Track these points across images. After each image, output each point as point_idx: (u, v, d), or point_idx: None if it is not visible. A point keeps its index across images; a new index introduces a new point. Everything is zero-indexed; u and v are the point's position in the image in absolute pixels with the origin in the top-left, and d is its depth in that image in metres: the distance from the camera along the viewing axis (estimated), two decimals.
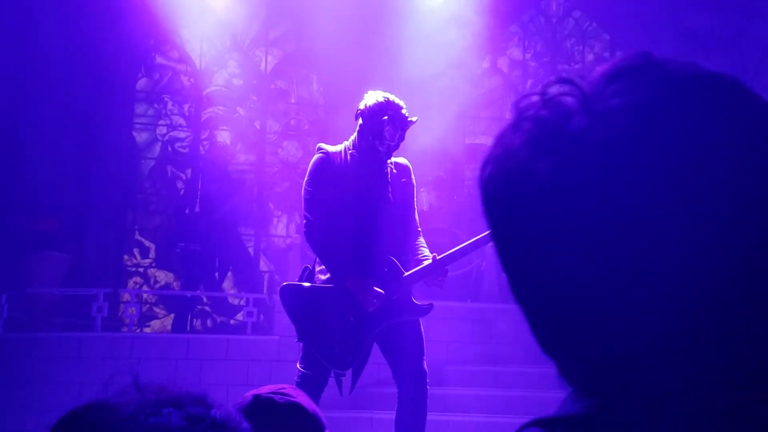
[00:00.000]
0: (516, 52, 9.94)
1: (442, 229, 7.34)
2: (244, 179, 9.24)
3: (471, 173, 9.43)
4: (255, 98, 9.53)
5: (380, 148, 3.80)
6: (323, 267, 3.80)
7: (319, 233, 3.77)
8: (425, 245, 3.88)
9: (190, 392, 0.86)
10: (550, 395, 5.84)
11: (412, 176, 3.95)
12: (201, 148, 9.39)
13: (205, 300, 8.77)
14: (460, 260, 3.89)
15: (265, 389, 1.93)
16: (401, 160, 3.96)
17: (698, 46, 8.60)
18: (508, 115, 0.64)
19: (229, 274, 8.92)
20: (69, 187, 8.41)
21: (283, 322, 6.73)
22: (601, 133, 0.55)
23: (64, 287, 7.64)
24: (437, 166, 8.19)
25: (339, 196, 3.77)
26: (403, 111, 3.82)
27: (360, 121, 3.85)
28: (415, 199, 3.96)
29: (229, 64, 9.60)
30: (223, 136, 9.35)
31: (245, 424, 0.87)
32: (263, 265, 9.21)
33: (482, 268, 7.68)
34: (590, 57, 10.03)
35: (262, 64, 9.61)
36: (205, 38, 9.35)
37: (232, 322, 8.85)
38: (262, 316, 7.48)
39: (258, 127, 9.51)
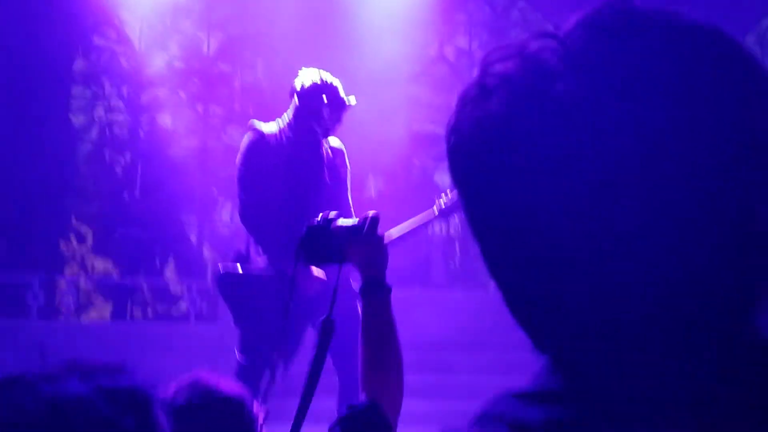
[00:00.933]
0: (462, 41, 9.99)
1: (390, 215, 7.32)
2: (186, 164, 9.04)
3: (419, 160, 9.44)
4: (197, 81, 9.32)
5: (317, 129, 3.73)
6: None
7: (255, 215, 3.69)
8: None
9: (109, 363, 0.81)
10: (500, 380, 5.89)
11: (346, 159, 3.88)
12: (140, 131, 9.15)
13: (145, 288, 8.56)
14: (401, 245, 3.85)
15: (182, 392, 1.66)
16: (335, 142, 3.87)
17: None
18: (454, 104, 0.60)
19: (171, 261, 8.73)
20: (1, 171, 8.09)
21: (227, 310, 6.62)
22: (586, 92, 0.52)
23: None
24: (385, 153, 8.17)
25: (274, 176, 3.69)
26: (341, 93, 3.76)
27: (295, 100, 3.75)
28: (349, 181, 3.89)
29: (170, 46, 9.37)
30: (164, 120, 9.13)
31: (162, 396, 0.82)
32: (206, 252, 9.04)
33: (430, 256, 7.71)
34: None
35: (205, 47, 9.41)
36: (145, 19, 9.10)
37: (173, 311, 8.67)
38: (205, 305, 7.34)
39: (201, 111, 9.31)
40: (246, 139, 3.79)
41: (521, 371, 0.60)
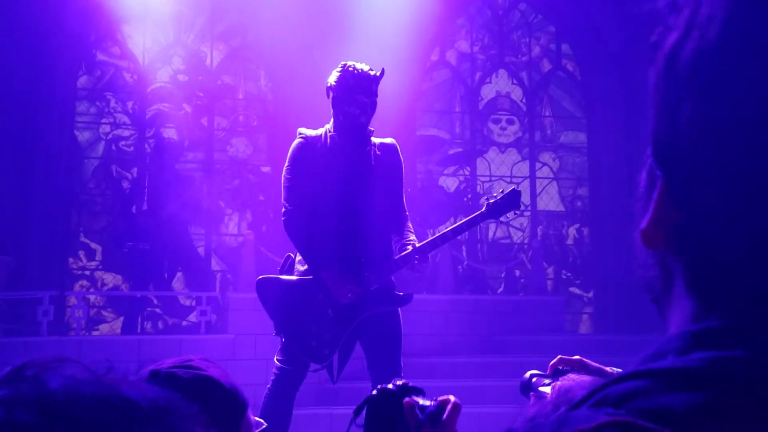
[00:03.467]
0: (464, 45, 9.97)
1: None
2: (193, 177, 9.07)
3: (422, 165, 9.43)
4: (201, 94, 9.35)
5: (356, 111, 3.64)
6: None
7: (296, 223, 3.64)
8: (411, 229, 3.75)
9: None
10: (508, 384, 5.86)
11: (400, 156, 3.78)
12: (146, 146, 9.18)
13: (155, 302, 8.57)
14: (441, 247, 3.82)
15: (166, 363, 1.59)
16: (387, 140, 3.81)
17: (641, 33, 8.74)
18: (457, 108, 0.53)
19: (180, 275, 8.74)
20: (9, 188, 8.13)
21: (237, 321, 6.61)
22: None
23: (7, 291, 7.38)
24: None
25: (320, 182, 3.64)
26: (368, 70, 3.72)
27: (332, 94, 3.72)
28: (404, 179, 3.80)
29: (174, 59, 9.40)
30: (170, 134, 9.16)
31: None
32: (215, 264, 9.05)
33: (437, 260, 7.68)
34: (537, 49, 10.12)
35: (208, 60, 9.44)
36: (148, 34, 9.15)
37: (184, 323, 8.68)
38: (215, 316, 7.34)
39: (205, 123, 9.33)
40: (291, 146, 3.74)
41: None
